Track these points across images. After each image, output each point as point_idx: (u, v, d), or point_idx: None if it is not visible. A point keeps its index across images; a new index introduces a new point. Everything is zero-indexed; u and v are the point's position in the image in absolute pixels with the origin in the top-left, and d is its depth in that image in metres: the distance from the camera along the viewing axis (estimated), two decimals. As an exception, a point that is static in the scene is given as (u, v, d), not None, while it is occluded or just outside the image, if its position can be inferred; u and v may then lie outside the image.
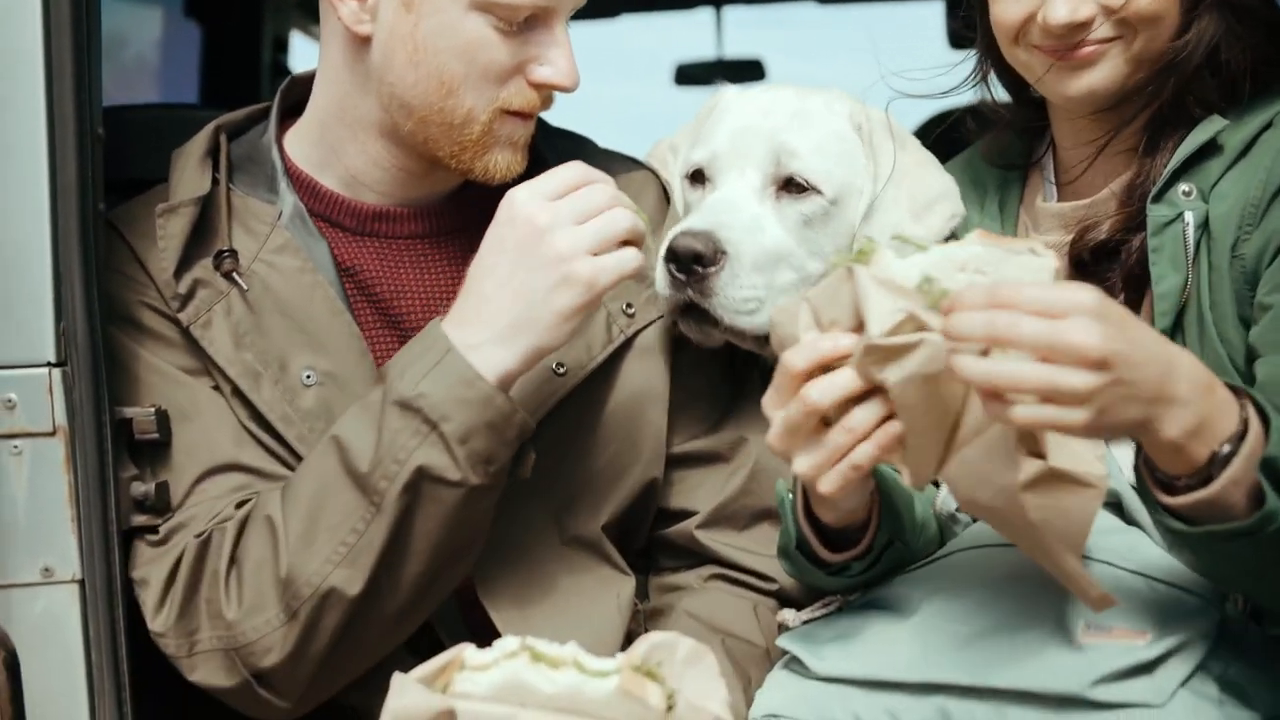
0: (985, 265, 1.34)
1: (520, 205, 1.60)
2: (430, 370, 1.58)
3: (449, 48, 1.65)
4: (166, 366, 1.71)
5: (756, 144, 1.84)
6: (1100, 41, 1.67)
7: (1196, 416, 1.31)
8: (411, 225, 1.80)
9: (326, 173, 1.79)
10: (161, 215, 1.71)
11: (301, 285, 1.73)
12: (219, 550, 1.64)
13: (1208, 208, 1.65)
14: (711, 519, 1.86)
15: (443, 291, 1.80)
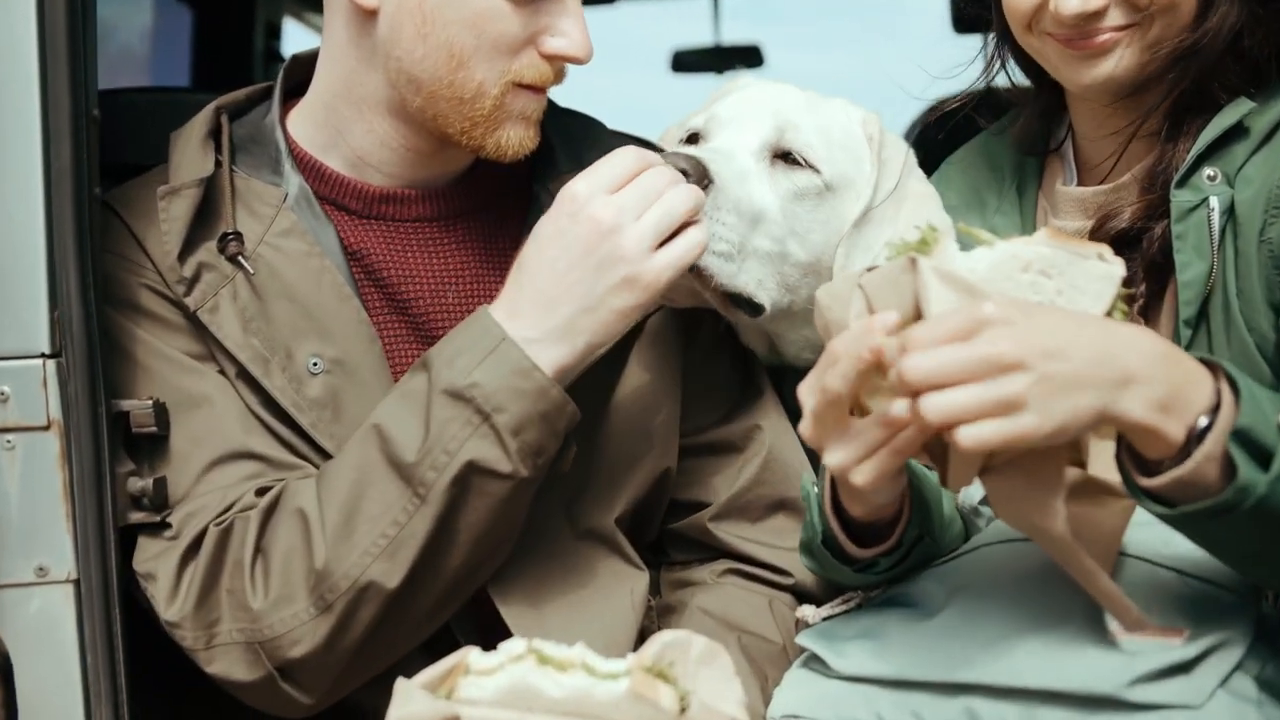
0: (1051, 267, 1.30)
1: (583, 201, 1.57)
2: (484, 359, 1.55)
3: (458, 19, 1.61)
4: (172, 351, 1.67)
5: (761, 112, 1.82)
6: (1115, 29, 1.64)
7: (1163, 390, 1.26)
8: (420, 208, 1.76)
9: (332, 154, 1.74)
10: (164, 197, 1.66)
11: (308, 270, 1.68)
12: (242, 539, 1.59)
13: (1233, 192, 1.61)
14: (725, 510, 1.82)
15: (452, 276, 1.75)
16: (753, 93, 1.87)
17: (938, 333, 1.25)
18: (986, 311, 1.24)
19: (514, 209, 1.79)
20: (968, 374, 1.23)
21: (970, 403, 1.22)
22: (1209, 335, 1.62)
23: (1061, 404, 1.23)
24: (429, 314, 1.73)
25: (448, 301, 1.74)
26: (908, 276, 1.30)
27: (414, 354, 1.72)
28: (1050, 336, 1.24)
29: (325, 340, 1.67)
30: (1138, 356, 1.27)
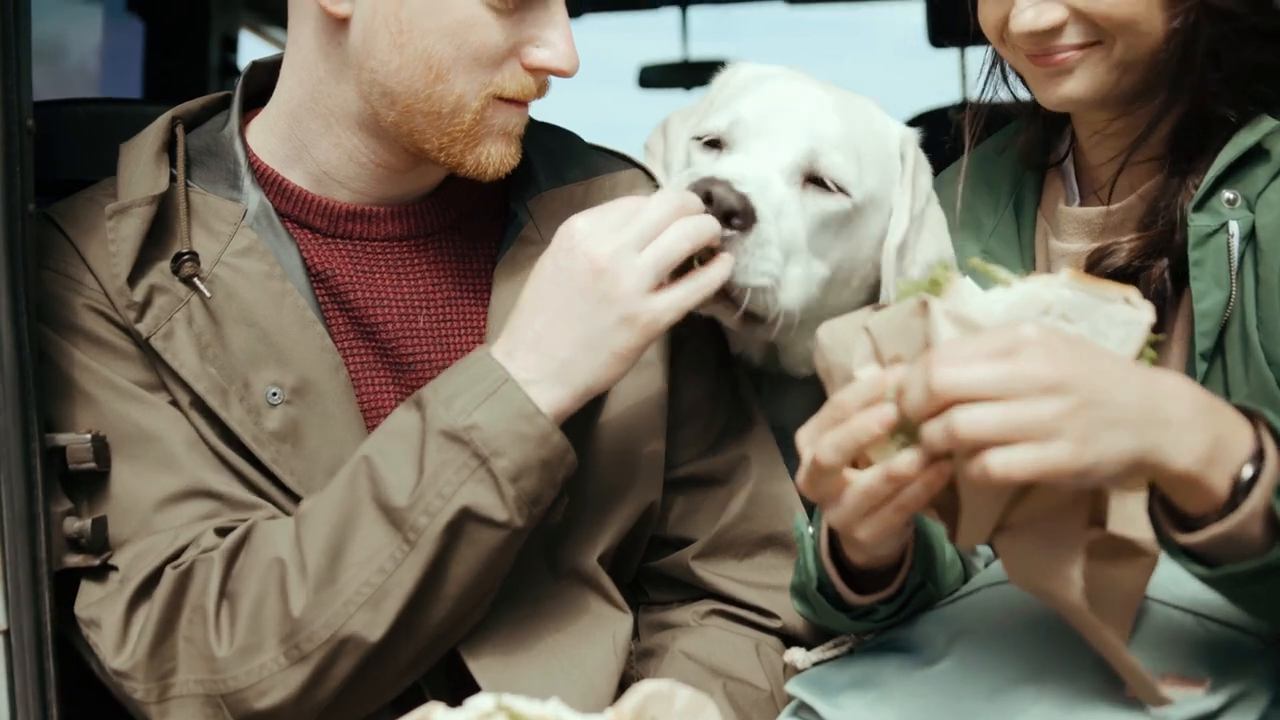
0: (1073, 310, 1.22)
1: (581, 238, 1.50)
2: (484, 401, 1.47)
3: (438, 28, 1.51)
4: (118, 379, 1.55)
5: (791, 126, 1.71)
6: (1075, 48, 1.57)
7: (1206, 440, 1.17)
8: (388, 226, 1.66)
9: (295, 169, 1.64)
10: (112, 216, 1.55)
11: (269, 292, 1.58)
12: (204, 583, 1.48)
13: (1254, 217, 1.52)
14: (709, 548, 1.72)
15: (424, 299, 1.66)
16: (780, 94, 1.76)
17: (974, 347, 1.15)
18: (1027, 332, 1.15)
19: (489, 227, 1.71)
20: (1003, 391, 1.13)
21: (1003, 422, 1.12)
22: (1225, 369, 1.54)
23: (1099, 439, 1.13)
24: (399, 340, 1.64)
25: (419, 326, 1.65)
26: (918, 320, 1.21)
27: (382, 381, 1.63)
28: (1097, 371, 1.15)
29: (285, 368, 1.57)
30: (1180, 404, 1.18)
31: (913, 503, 1.21)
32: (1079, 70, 1.58)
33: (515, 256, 1.66)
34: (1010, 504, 1.22)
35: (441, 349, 1.66)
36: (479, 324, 1.67)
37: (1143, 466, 1.16)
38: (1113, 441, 1.14)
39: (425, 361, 1.65)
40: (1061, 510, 1.22)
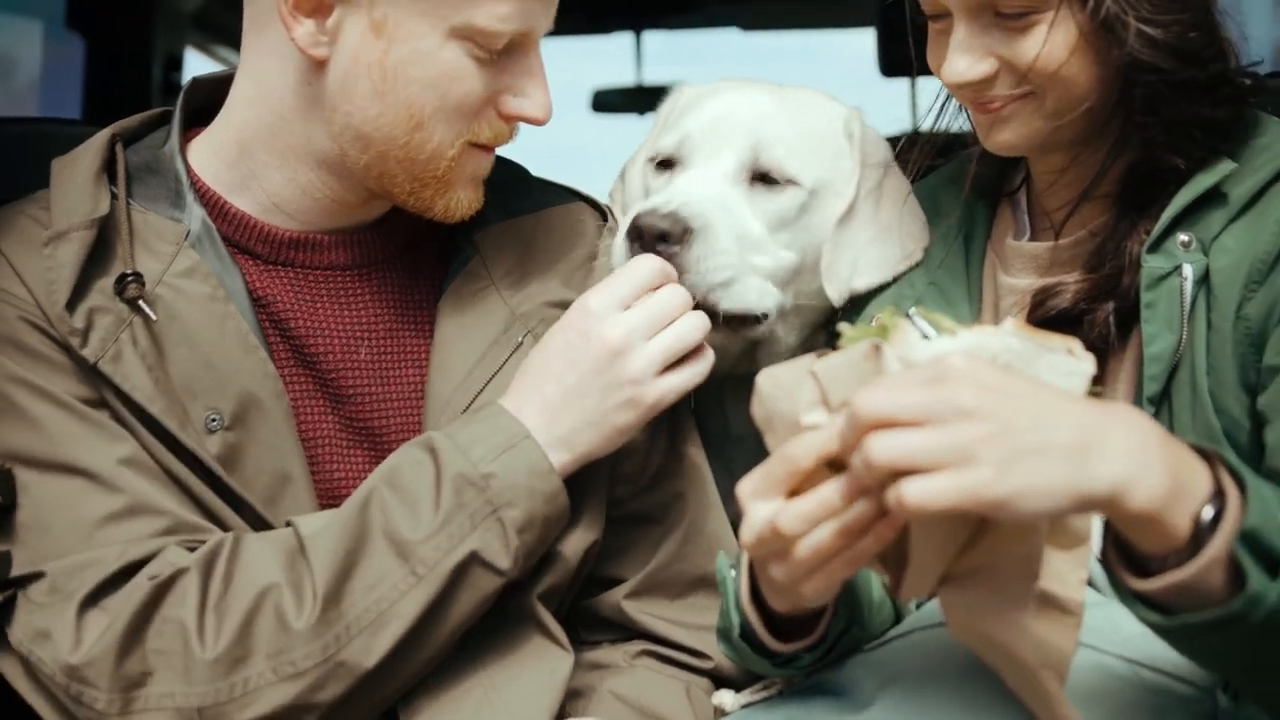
0: (1016, 360, 1.18)
1: (596, 319, 1.56)
2: (503, 453, 1.52)
3: (422, 77, 1.50)
4: (58, 393, 1.50)
5: (734, 130, 1.78)
6: (1009, 98, 1.56)
7: (1163, 476, 1.11)
8: (332, 255, 1.63)
9: (241, 195, 1.60)
10: (49, 243, 1.50)
11: (211, 315, 1.54)
12: (182, 596, 1.45)
13: (1208, 261, 1.50)
14: (641, 587, 1.69)
15: (365, 330, 1.63)
16: (724, 104, 1.82)
17: (902, 377, 1.12)
18: (954, 362, 1.11)
19: (431, 258, 1.68)
20: (922, 416, 1.08)
21: (916, 447, 1.08)
22: (1172, 414, 1.51)
23: (1022, 466, 1.07)
24: (339, 370, 1.61)
25: (360, 358, 1.62)
26: (870, 364, 1.17)
27: (321, 411, 1.60)
28: (1024, 399, 1.10)
29: (225, 394, 1.53)
30: (1133, 437, 1.12)
31: (862, 556, 1.17)
32: (1014, 119, 1.57)
33: (460, 290, 1.65)
34: (958, 553, 1.19)
35: (382, 381, 1.64)
36: (420, 357, 1.65)
37: (1085, 500, 1.10)
38: (1040, 470, 1.08)
39: (365, 394, 1.62)
40: (1012, 560, 1.18)
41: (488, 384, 1.61)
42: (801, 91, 1.88)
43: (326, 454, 1.61)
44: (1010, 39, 1.53)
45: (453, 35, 1.50)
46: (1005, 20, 1.52)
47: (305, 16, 1.49)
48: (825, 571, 1.17)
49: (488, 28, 1.49)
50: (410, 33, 1.49)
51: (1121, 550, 1.19)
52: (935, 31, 1.60)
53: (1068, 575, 1.20)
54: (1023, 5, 1.51)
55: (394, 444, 1.60)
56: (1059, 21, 1.51)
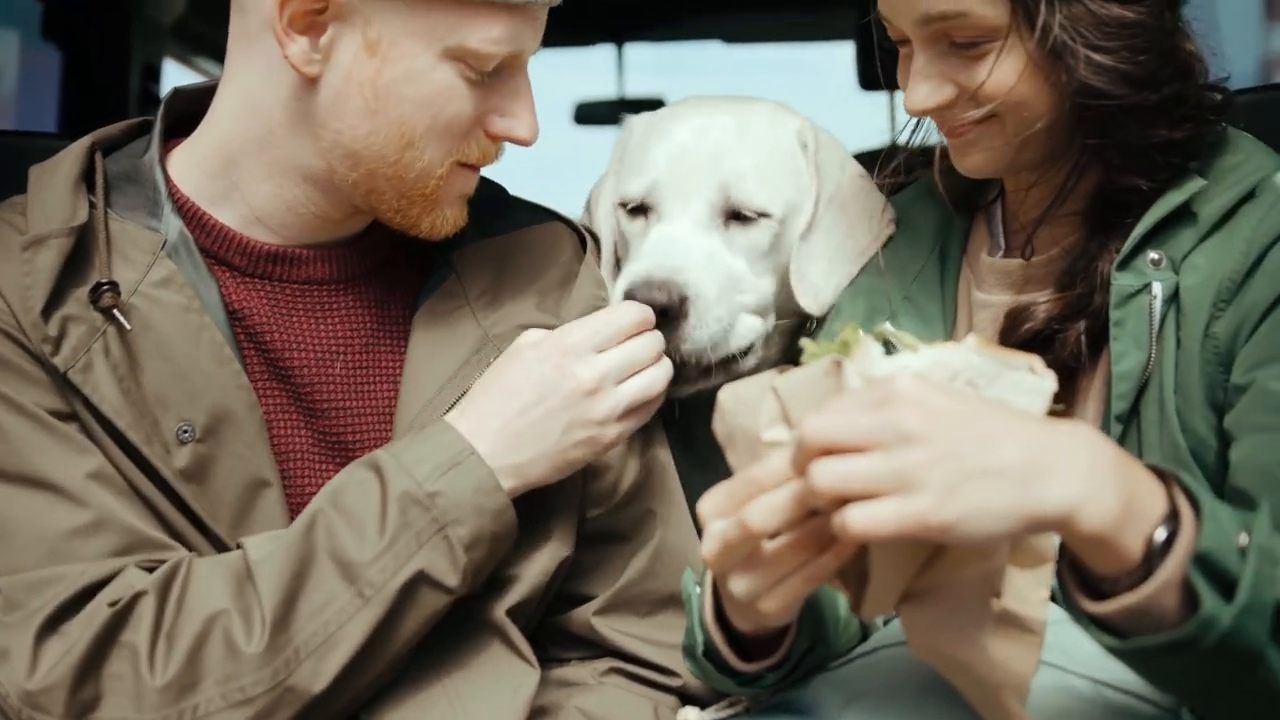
0: (980, 377, 1.17)
1: (572, 358, 1.57)
2: (448, 471, 1.51)
3: (414, 97, 1.51)
4: (28, 404, 1.48)
5: (700, 171, 1.80)
6: (972, 123, 1.57)
7: (1116, 497, 1.10)
8: (309, 269, 1.62)
9: (222, 207, 1.60)
10: (28, 248, 1.49)
11: (186, 326, 1.53)
12: (139, 621, 1.44)
13: (1178, 279, 1.50)
14: (611, 604, 1.69)
15: (341, 345, 1.62)
16: (683, 140, 1.83)
17: (849, 400, 1.11)
18: (900, 385, 1.10)
19: (407, 274, 1.68)
20: (866, 440, 1.07)
21: (862, 472, 1.06)
22: (1140, 432, 1.50)
23: (969, 491, 1.06)
24: (314, 385, 1.60)
25: (335, 372, 1.62)
26: (831, 380, 1.16)
27: (295, 425, 1.60)
28: (971, 422, 1.09)
29: (197, 406, 1.52)
30: (1085, 458, 1.11)
31: (822, 572, 1.16)
32: (979, 143, 1.58)
33: (435, 309, 1.65)
34: (918, 571, 1.18)
35: (357, 396, 1.63)
36: (394, 372, 1.64)
37: (1035, 522, 1.09)
38: (986, 494, 1.07)
39: (340, 408, 1.62)
40: (971, 578, 1.18)
41: (456, 403, 1.59)
42: (754, 107, 1.89)
43: (299, 468, 1.60)
44: (966, 66, 1.54)
45: (446, 56, 1.50)
46: (960, 49, 1.53)
47: (299, 34, 1.49)
48: (785, 588, 1.16)
49: (480, 50, 1.50)
50: (404, 53, 1.50)
51: (1076, 572, 1.19)
52: (903, 55, 1.61)
53: (1029, 594, 1.19)
54: (974, 34, 1.52)
55: None
56: (1009, 49, 1.51)
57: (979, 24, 1.51)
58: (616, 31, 5.19)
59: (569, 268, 1.72)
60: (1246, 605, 1.11)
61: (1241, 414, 1.42)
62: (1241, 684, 1.16)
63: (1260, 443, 1.38)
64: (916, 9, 1.53)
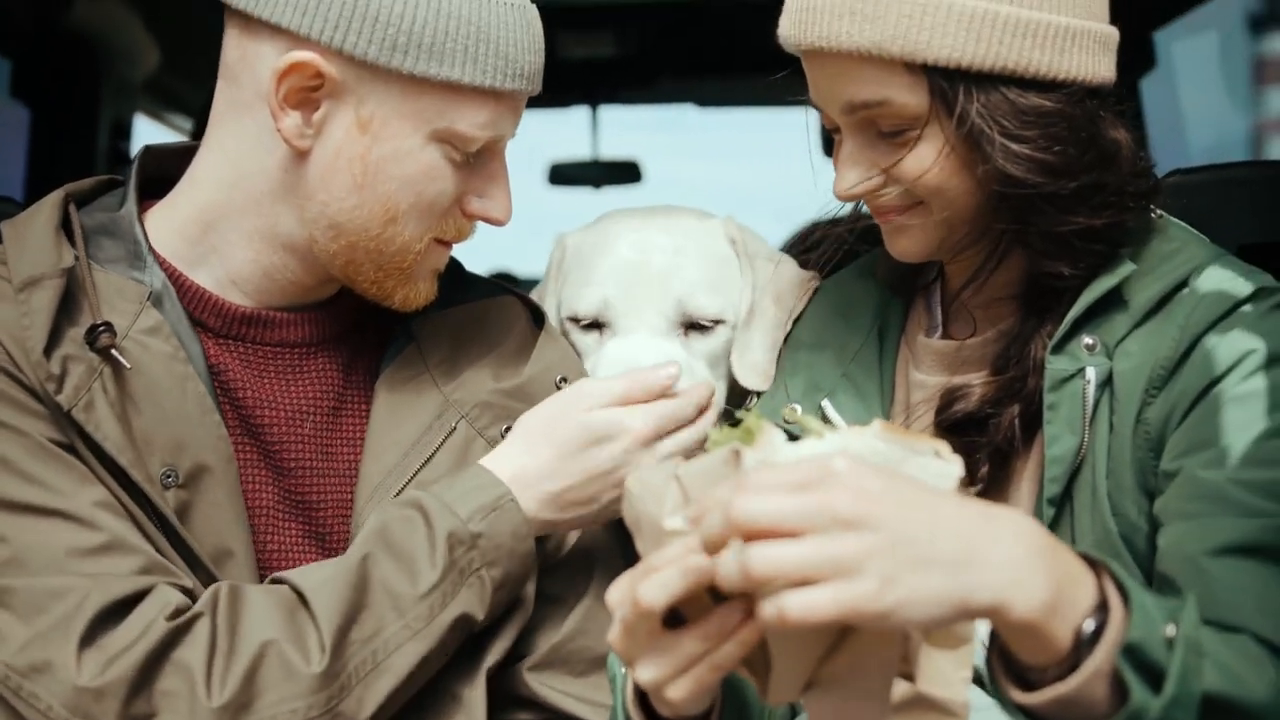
0: (885, 464, 1.16)
1: (633, 437, 1.62)
2: (489, 513, 1.56)
3: (401, 175, 1.56)
4: (32, 433, 1.49)
5: (652, 287, 1.88)
6: (900, 209, 1.58)
7: (1049, 585, 1.10)
8: (282, 332, 1.65)
9: (198, 270, 1.62)
10: (24, 289, 1.51)
11: (173, 374, 1.56)
12: (194, 642, 1.45)
13: (1112, 364, 1.50)
14: (545, 661, 1.68)
15: (310, 405, 1.65)
16: (628, 256, 1.90)
17: (779, 478, 1.08)
18: (836, 465, 1.08)
19: (370, 342, 1.72)
20: (802, 524, 1.05)
21: (800, 559, 1.04)
22: (1072, 516, 1.50)
23: (905, 578, 1.05)
24: (284, 442, 1.63)
25: (304, 432, 1.64)
26: (730, 469, 1.15)
27: (263, 480, 1.61)
28: (906, 506, 1.08)
29: (181, 453, 1.54)
30: (1016, 545, 1.10)
31: (727, 660, 1.13)
32: (909, 229, 1.59)
33: (396, 376, 1.68)
34: (823, 658, 1.16)
35: (322, 457, 1.66)
36: (356, 437, 1.68)
37: (966, 610, 1.09)
38: (922, 582, 1.06)
39: (307, 467, 1.64)
40: (875, 664, 1.16)
41: (421, 468, 1.64)
42: (680, 217, 1.97)
43: (264, 523, 1.62)
44: (891, 152, 1.54)
45: (433, 138, 1.56)
46: (885, 136, 1.54)
47: (293, 108, 1.53)
48: (691, 676, 1.14)
49: (466, 133, 1.56)
50: (394, 132, 1.55)
51: (1006, 662, 1.17)
52: (836, 140, 1.62)
53: (950, 675, 1.17)
54: (897, 123, 1.53)
55: (327, 519, 1.64)
56: (929, 136, 1.52)
57: (900, 112, 1.51)
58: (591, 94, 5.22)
59: (523, 339, 1.77)
60: (1174, 697, 1.12)
61: (1169, 500, 1.42)
62: None
63: (1186, 530, 1.38)
64: (840, 98, 1.54)
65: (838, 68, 1.52)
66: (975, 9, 1.48)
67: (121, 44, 3.68)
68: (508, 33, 1.55)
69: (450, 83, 1.53)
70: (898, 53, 1.48)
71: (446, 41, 1.51)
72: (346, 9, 1.50)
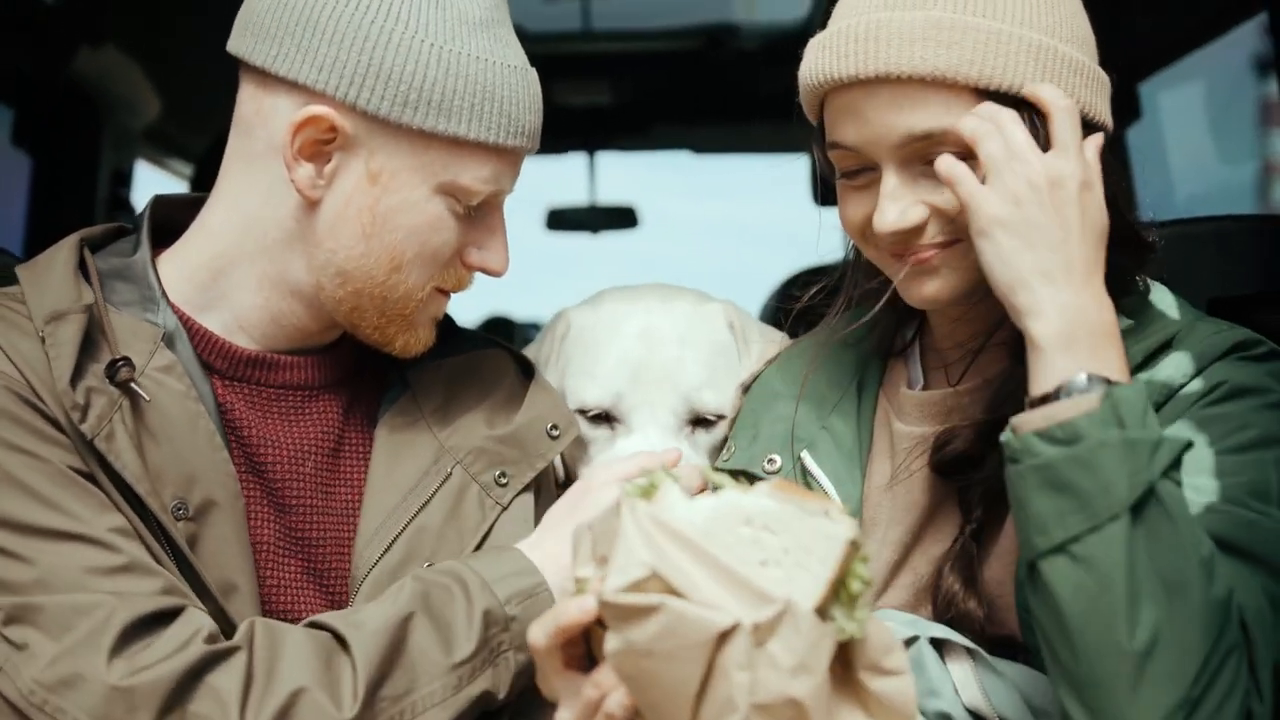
0: (774, 523, 1.18)
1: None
2: (525, 599, 1.59)
3: (407, 225, 1.61)
4: (58, 463, 1.50)
5: (661, 385, 1.93)
6: (937, 246, 1.55)
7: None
8: (286, 375, 1.69)
9: (208, 315, 1.66)
10: (50, 321, 1.55)
11: (186, 411, 1.60)
12: (231, 670, 1.46)
13: None
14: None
15: (312, 447, 1.68)
16: (634, 351, 1.95)
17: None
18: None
19: (368, 388, 1.76)
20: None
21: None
22: None
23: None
24: (286, 481, 1.66)
25: (305, 471, 1.68)
26: (615, 520, 1.19)
27: (266, 518, 1.64)
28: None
29: (192, 487, 1.57)
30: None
31: (618, 709, 1.18)
32: (942, 269, 1.57)
33: (394, 422, 1.73)
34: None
35: (323, 496, 1.69)
36: (354, 479, 1.71)
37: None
38: None
39: (307, 506, 1.67)
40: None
41: (419, 512, 1.68)
42: (682, 302, 2.01)
43: (265, 559, 1.64)
44: (939, 186, 1.52)
45: (438, 190, 1.61)
46: (934, 169, 1.51)
47: (306, 160, 1.58)
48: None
49: (470, 186, 1.61)
50: (402, 184, 1.60)
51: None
52: (848, 187, 1.61)
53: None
54: (954, 153, 1.50)
55: (326, 556, 1.67)
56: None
57: (959, 141, 1.48)
58: (589, 141, 5.27)
59: (513, 389, 1.81)
60: (1131, 441, 1.30)
61: None
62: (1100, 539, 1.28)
63: None
64: (896, 130, 1.51)
65: (902, 96, 1.50)
66: (1043, 44, 1.51)
67: (123, 94, 3.72)
68: (511, 93, 1.61)
69: (457, 138, 1.58)
70: (975, 77, 1.49)
71: (454, 99, 1.57)
72: (361, 66, 1.56)
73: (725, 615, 1.11)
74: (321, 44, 1.56)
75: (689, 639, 1.11)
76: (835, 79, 1.53)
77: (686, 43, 4.50)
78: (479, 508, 1.71)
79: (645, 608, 1.11)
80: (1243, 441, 1.44)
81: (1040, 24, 1.51)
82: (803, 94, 1.62)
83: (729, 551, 1.15)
